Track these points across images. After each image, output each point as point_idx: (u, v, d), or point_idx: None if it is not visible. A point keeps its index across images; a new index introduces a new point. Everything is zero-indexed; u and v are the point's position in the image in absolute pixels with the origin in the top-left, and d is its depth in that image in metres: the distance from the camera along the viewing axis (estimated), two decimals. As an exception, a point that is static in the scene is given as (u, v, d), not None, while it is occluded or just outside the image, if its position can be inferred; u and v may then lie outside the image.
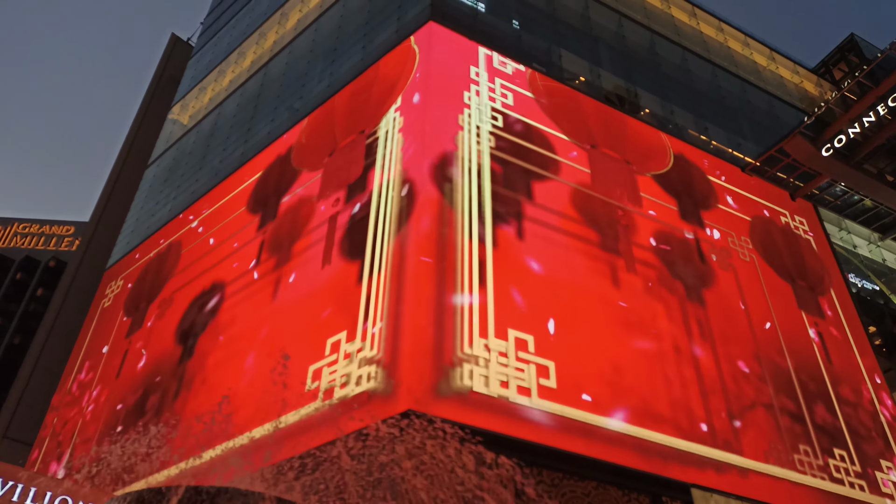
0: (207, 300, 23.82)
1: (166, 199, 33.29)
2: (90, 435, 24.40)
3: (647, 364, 18.39)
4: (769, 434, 19.20)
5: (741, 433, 18.61)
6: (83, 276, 37.77)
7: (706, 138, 28.50)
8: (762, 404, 19.83)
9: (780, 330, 22.38)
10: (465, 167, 19.19)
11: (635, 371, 18.00)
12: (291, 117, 27.44)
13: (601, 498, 15.73)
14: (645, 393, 17.67)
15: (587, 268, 19.51)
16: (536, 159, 21.17)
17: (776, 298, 23.47)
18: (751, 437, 18.74)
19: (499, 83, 22.42)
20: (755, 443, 18.67)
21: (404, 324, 15.71)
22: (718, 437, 18.04)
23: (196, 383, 21.26)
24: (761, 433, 19.05)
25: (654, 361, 18.58)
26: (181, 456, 15.43)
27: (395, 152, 19.94)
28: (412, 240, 17.22)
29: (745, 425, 18.91)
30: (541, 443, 15.26)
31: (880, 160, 30.57)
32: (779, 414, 19.93)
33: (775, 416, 19.80)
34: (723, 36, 36.01)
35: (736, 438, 18.37)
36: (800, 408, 20.57)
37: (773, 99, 34.43)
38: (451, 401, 14.75)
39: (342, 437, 12.79)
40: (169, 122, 40.83)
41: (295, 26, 33.29)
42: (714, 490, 16.99)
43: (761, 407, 19.75)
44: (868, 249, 32.23)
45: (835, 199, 30.99)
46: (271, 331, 19.94)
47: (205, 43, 44.69)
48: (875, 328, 27.86)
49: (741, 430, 18.67)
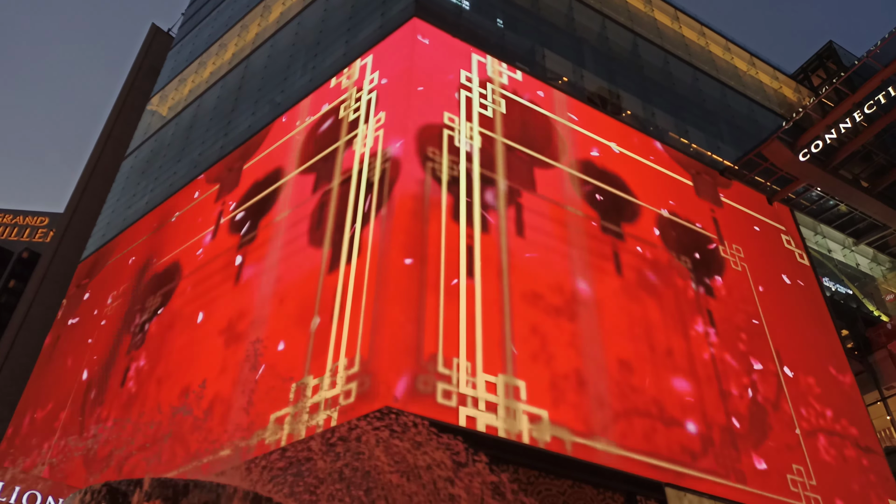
0: (170, 288, 23.60)
1: (144, 190, 32.87)
2: (62, 430, 24.01)
3: (625, 374, 18.50)
4: (734, 446, 19.41)
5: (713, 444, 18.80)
6: (57, 268, 37.18)
7: (686, 141, 28.72)
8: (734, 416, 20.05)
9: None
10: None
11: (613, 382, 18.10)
12: (273, 111, 27.21)
13: (576, 496, 15.78)
14: (622, 404, 17.77)
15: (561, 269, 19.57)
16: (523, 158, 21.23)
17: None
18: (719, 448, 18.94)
19: (476, 93, 22.08)
20: (726, 455, 18.87)
21: (382, 320, 15.63)
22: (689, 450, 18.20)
23: (159, 375, 21.08)
24: (730, 443, 19.26)
25: (636, 371, 18.70)
26: (147, 451, 15.22)
27: (370, 134, 19.88)
28: (392, 232, 17.13)
29: (716, 436, 19.10)
30: (516, 441, 15.29)
31: (855, 166, 31.02)
32: (738, 426, 20.16)
33: (736, 428, 20.02)
34: (704, 40, 36.32)
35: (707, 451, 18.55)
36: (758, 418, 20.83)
37: (752, 103, 34.80)
38: (427, 399, 14.71)
39: (316, 434, 12.70)
40: (148, 113, 40.30)
41: (277, 19, 33.01)
42: (688, 489, 17.14)
43: (732, 419, 19.96)
44: (842, 254, 32.72)
45: (811, 203, 31.40)
46: (240, 321, 19.78)
47: (185, 34, 44.17)
48: (847, 331, 28.30)
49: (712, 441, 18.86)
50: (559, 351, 17.49)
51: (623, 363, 18.46)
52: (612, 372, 18.06)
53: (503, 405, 15.59)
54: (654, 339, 19.68)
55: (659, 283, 21.37)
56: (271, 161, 24.53)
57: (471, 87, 21.80)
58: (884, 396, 27.01)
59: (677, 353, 19.87)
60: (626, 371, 18.37)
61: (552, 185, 21.37)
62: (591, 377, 17.57)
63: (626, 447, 16.85)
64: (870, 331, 28.83)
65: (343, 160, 20.69)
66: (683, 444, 17.96)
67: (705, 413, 19.12)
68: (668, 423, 18.12)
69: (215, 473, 10.28)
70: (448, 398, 14.92)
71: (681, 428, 18.27)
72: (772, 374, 21.86)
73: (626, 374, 18.33)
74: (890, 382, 27.08)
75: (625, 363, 18.50)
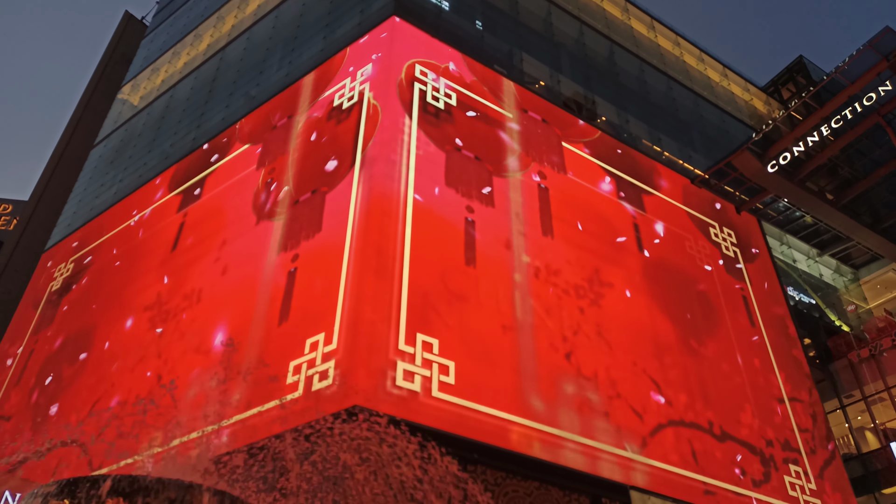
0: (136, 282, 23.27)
1: (112, 180, 32.27)
2: (34, 422, 23.49)
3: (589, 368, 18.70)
4: (699, 442, 19.76)
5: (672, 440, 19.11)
6: (19, 257, 36.31)
7: (659, 149, 29.11)
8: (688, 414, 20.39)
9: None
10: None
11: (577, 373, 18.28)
12: (247, 104, 26.92)
13: (543, 498, 15.92)
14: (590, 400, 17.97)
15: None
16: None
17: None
18: (673, 444, 19.26)
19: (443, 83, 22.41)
20: (684, 449, 19.20)
21: (355, 317, 15.58)
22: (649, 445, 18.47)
23: (121, 368, 20.80)
24: (686, 441, 19.59)
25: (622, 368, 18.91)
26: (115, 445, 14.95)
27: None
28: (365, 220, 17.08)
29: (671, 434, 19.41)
30: (484, 441, 15.36)
31: (822, 179, 31.76)
32: (703, 425, 20.53)
33: (697, 427, 20.38)
34: (679, 50, 36.84)
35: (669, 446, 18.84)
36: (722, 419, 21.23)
37: (724, 114, 35.41)
38: (397, 398, 14.71)
39: (286, 431, 12.60)
40: (118, 101, 39.57)
41: (255, 12, 32.66)
42: (651, 493, 17.38)
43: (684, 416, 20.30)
44: (807, 264, 33.46)
45: (778, 214, 32.06)
46: (210, 315, 19.61)
47: (160, 23, 43.45)
48: (810, 340, 28.94)
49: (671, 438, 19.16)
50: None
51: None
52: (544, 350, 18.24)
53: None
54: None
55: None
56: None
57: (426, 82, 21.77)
58: (843, 405, 27.68)
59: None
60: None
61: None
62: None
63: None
64: (831, 340, 29.52)
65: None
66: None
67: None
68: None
69: (181, 466, 10.15)
70: (418, 397, 14.92)
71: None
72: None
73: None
74: (850, 391, 27.77)
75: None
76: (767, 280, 27.81)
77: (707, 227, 27.72)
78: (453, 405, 15.41)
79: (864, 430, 27.48)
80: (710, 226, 27.93)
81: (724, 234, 27.98)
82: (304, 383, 15.21)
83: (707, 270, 25.65)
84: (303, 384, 15.23)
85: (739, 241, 28.40)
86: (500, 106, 23.33)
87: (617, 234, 23.38)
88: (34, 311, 29.22)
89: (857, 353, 27.80)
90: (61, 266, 30.40)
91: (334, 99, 22.08)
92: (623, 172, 25.81)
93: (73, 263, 29.61)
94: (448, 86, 22.18)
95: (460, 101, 22.16)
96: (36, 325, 28.28)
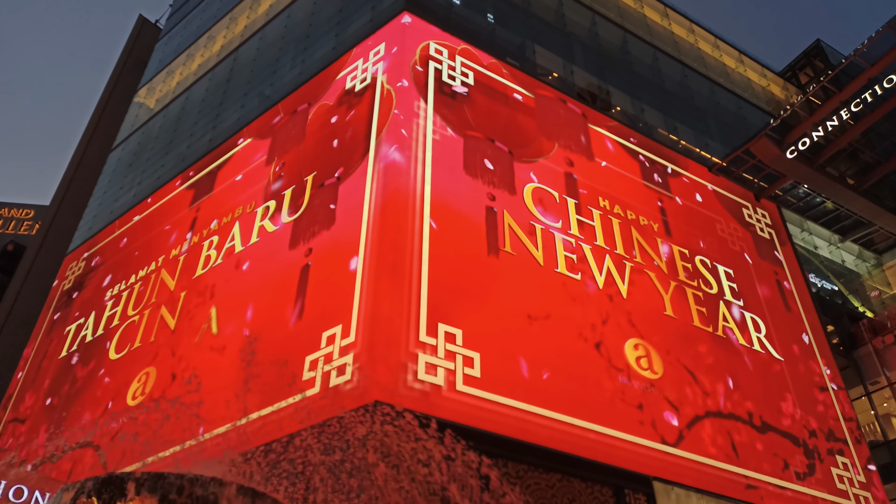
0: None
1: (131, 183, 32.60)
2: (49, 423, 23.83)
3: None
4: (726, 433, 19.58)
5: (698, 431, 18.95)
6: (42, 261, 36.85)
7: (675, 138, 28.85)
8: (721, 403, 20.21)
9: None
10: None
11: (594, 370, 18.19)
12: (262, 104, 27.06)
13: (565, 490, 15.87)
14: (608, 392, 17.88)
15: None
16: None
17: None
18: (709, 434, 19.09)
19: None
20: (713, 441, 19.03)
21: (373, 309, 15.60)
22: (678, 436, 18.33)
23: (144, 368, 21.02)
24: (719, 432, 19.42)
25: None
26: (147, 446, 15.16)
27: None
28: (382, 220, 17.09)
29: (704, 423, 19.25)
30: (505, 435, 15.33)
31: (842, 164, 31.28)
32: (737, 415, 20.33)
33: (732, 417, 20.19)
34: (693, 37, 36.45)
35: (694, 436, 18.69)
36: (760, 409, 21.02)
37: (740, 101, 34.99)
38: (417, 392, 14.72)
39: (309, 427, 12.69)
40: (135, 105, 39.93)
41: (267, 11, 32.79)
42: (675, 483, 17.27)
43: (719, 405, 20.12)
44: (828, 251, 33.02)
45: (798, 200, 31.64)
46: (224, 311, 19.77)
47: (173, 26, 43.77)
48: (833, 327, 28.58)
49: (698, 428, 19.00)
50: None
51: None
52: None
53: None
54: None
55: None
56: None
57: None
58: (868, 391, 27.32)
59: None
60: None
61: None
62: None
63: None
64: (855, 326, 29.13)
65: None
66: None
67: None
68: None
69: (204, 464, 10.26)
70: (439, 391, 14.91)
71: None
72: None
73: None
74: (874, 377, 27.40)
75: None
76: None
77: (740, 208, 27.45)
78: (478, 399, 15.36)
79: (891, 416, 27.12)
80: (744, 206, 27.65)
81: (759, 216, 27.67)
82: (321, 379, 15.23)
83: (740, 253, 25.39)
84: (320, 380, 15.25)
85: (774, 222, 28.12)
86: (519, 85, 23.23)
87: (645, 218, 23.16)
88: (48, 312, 29.74)
89: (882, 339, 27.41)
90: (73, 265, 30.87)
91: (346, 81, 22.04)
92: (650, 152, 25.76)
93: (84, 262, 30.05)
94: (465, 64, 21.99)
95: (478, 80, 21.92)
96: (48, 326, 28.72)
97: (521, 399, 15.97)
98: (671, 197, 25.01)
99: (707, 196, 26.73)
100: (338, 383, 14.87)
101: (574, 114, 24.49)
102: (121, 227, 29.80)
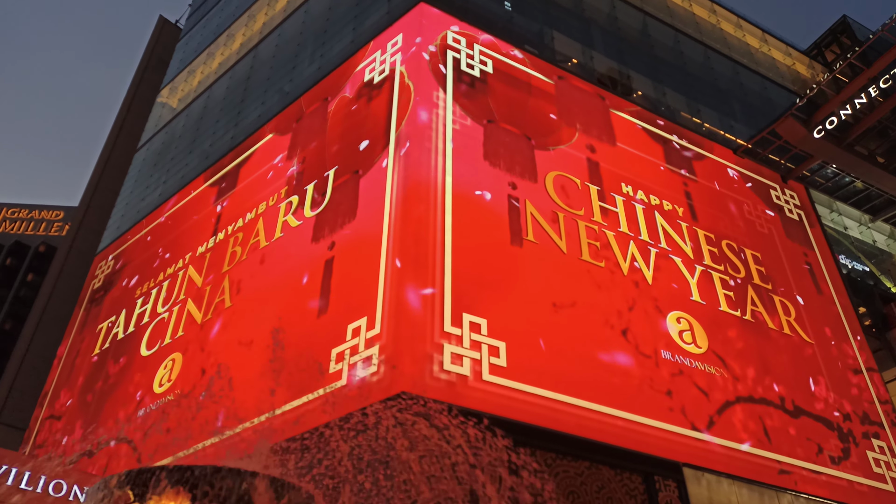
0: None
1: (156, 182, 33.06)
2: (84, 420, 24.36)
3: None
4: (758, 418, 19.36)
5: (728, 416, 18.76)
6: (73, 261, 37.59)
7: (699, 121, 28.45)
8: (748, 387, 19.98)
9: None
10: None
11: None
12: (282, 100, 27.23)
13: (594, 477, 15.83)
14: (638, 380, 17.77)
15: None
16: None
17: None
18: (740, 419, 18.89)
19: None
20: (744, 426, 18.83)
21: (397, 301, 15.66)
22: (708, 422, 18.17)
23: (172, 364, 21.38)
24: (749, 416, 19.21)
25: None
26: (176, 441, 15.42)
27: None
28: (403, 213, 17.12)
29: (735, 409, 19.05)
30: (533, 423, 15.32)
31: (871, 142, 30.59)
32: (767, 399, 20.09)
33: (761, 401, 19.95)
34: (715, 18, 35.85)
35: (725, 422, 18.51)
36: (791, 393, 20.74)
37: (765, 81, 34.38)
38: (443, 382, 14.76)
39: (336, 419, 12.80)
40: (158, 105, 40.43)
41: (284, 8, 32.93)
42: (706, 469, 17.13)
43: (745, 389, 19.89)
44: (859, 231, 32.39)
45: (826, 180, 31.04)
46: (250, 306, 19.98)
47: (193, 25, 44.17)
48: (865, 309, 28.06)
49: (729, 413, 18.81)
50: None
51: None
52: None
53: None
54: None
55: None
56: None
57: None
58: (902, 373, 26.79)
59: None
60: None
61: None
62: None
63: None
64: (887, 307, 28.55)
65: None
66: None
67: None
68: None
69: (234, 457, 10.41)
70: (465, 380, 14.94)
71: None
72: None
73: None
74: (908, 359, 26.87)
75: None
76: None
77: (767, 189, 27.04)
78: (504, 388, 15.36)
79: (926, 399, 26.58)
80: (771, 188, 27.23)
81: (787, 197, 27.23)
82: (348, 371, 15.36)
83: (769, 236, 25.02)
84: (346, 372, 15.38)
85: (802, 203, 27.65)
86: (539, 73, 23.07)
87: (669, 202, 22.91)
88: (79, 311, 30.35)
89: (916, 319, 26.86)
90: (102, 264, 31.43)
91: (365, 74, 22.09)
92: (673, 136, 25.46)
93: (114, 261, 30.57)
94: (483, 53, 21.89)
95: (497, 69, 21.82)
96: (80, 325, 29.30)
97: (547, 387, 15.94)
98: (696, 181, 24.70)
99: (733, 179, 26.36)
100: (363, 375, 14.97)
101: (595, 99, 24.29)
102: (147, 226, 30.26)
